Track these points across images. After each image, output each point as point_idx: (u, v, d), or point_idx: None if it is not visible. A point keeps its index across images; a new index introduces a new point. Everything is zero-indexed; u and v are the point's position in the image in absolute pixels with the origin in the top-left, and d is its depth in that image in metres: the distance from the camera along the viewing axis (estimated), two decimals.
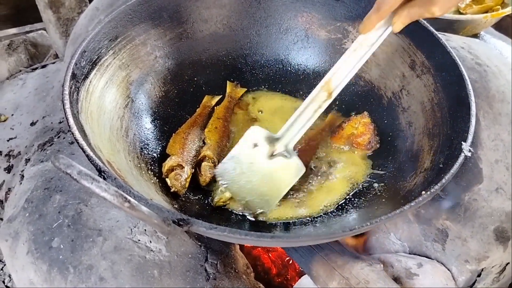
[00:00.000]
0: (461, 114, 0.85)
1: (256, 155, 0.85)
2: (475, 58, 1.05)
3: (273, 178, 0.86)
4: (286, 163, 0.86)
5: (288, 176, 0.87)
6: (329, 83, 0.87)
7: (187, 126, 1.05)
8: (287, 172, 0.87)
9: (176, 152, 0.98)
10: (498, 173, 0.95)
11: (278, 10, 1.17)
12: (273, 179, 0.86)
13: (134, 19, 1.03)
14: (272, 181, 0.86)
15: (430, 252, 0.96)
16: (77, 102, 0.82)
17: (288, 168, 0.86)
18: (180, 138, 1.01)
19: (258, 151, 0.85)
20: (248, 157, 0.86)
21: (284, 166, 0.86)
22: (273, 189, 0.87)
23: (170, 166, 0.94)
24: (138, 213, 0.56)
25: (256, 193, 0.86)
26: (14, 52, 1.47)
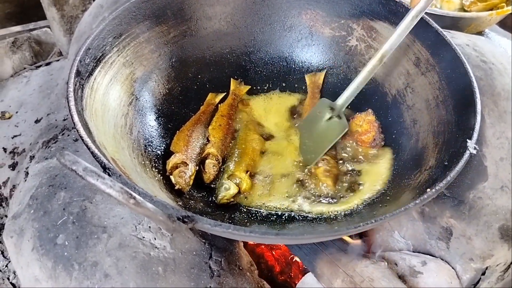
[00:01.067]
0: (466, 111, 0.84)
1: (319, 119, 1.06)
2: (480, 56, 1.05)
3: (324, 134, 1.05)
4: (337, 122, 1.04)
5: (334, 131, 1.04)
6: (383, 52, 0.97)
7: (191, 123, 1.06)
8: (334, 128, 1.04)
9: (180, 149, 0.98)
10: (503, 171, 0.94)
11: (282, 8, 1.17)
12: (324, 135, 1.05)
13: (138, 17, 1.03)
14: (323, 137, 1.04)
15: (434, 250, 0.96)
16: (82, 99, 0.82)
17: (336, 125, 1.04)
18: (184, 135, 1.01)
19: (321, 116, 1.05)
20: (314, 120, 1.07)
21: (335, 125, 1.04)
22: (321, 144, 1.04)
23: (174, 163, 0.94)
24: (143, 210, 0.56)
25: (310, 147, 1.05)
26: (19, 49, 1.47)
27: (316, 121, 1.06)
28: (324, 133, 1.05)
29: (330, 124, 1.04)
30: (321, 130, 1.05)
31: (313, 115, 1.08)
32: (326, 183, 0.95)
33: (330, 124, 1.04)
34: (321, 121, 1.06)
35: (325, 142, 1.03)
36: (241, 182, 0.93)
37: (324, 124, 1.05)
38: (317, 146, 1.04)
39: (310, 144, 1.06)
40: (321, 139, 1.04)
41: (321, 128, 1.05)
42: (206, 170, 0.97)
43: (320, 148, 1.03)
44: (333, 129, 1.04)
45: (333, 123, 1.04)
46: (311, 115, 1.08)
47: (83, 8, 1.49)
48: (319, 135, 1.05)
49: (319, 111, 1.07)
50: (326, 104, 1.06)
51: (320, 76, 1.16)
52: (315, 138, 1.06)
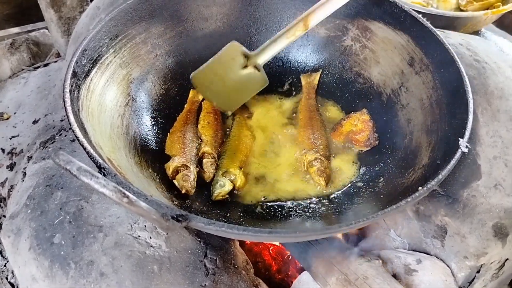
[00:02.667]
0: (459, 110, 0.85)
1: (232, 64, 1.02)
2: (474, 55, 1.06)
3: (242, 84, 1.04)
4: (255, 74, 1.02)
5: (254, 85, 1.05)
6: (308, 18, 0.98)
7: (181, 124, 1.06)
8: (254, 82, 1.04)
9: (177, 152, 0.98)
10: (497, 169, 0.95)
11: (277, 8, 1.17)
12: (242, 85, 1.04)
13: (135, 18, 1.03)
14: (241, 87, 1.04)
15: (429, 249, 0.97)
16: (78, 100, 0.83)
17: (256, 78, 1.04)
18: (177, 137, 1.02)
19: (234, 62, 1.02)
20: (225, 65, 1.02)
21: (253, 76, 1.03)
22: (240, 94, 1.06)
23: (175, 167, 0.94)
24: (137, 209, 0.57)
25: (226, 94, 1.05)
26: (17, 51, 1.48)
27: (229, 68, 1.02)
28: (240, 82, 1.03)
29: (248, 75, 1.02)
30: (238, 79, 1.03)
31: (223, 60, 1.02)
32: (319, 184, 0.95)
33: (248, 75, 1.02)
34: (236, 69, 1.02)
35: (244, 93, 1.04)
36: (235, 178, 0.94)
37: (241, 73, 1.02)
38: (233, 94, 1.04)
39: (223, 89, 1.04)
40: (237, 88, 1.04)
41: (237, 76, 1.03)
42: (205, 170, 0.98)
43: (238, 98, 1.05)
44: (252, 82, 1.03)
45: (252, 75, 1.02)
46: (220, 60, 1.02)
47: (81, 10, 1.50)
48: (235, 84, 1.03)
49: (231, 57, 1.01)
50: (238, 50, 1.01)
51: (315, 76, 1.17)
52: (228, 84, 1.03)
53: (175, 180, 0.93)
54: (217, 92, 1.05)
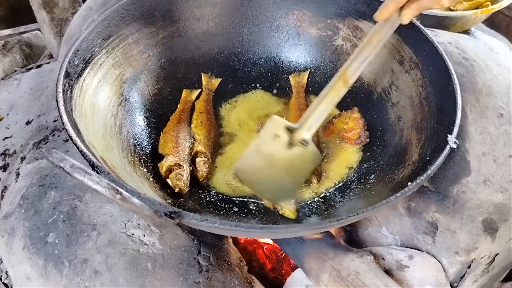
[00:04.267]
0: (447, 107, 0.86)
1: (277, 146, 0.85)
2: (462, 53, 1.07)
3: (292, 167, 0.86)
4: (304, 151, 0.86)
5: (306, 164, 0.88)
6: (345, 73, 0.87)
7: (174, 124, 1.06)
8: (305, 160, 0.87)
9: (170, 151, 0.99)
10: (486, 165, 0.96)
11: (269, 8, 1.18)
12: (292, 168, 0.86)
13: (127, 18, 1.04)
14: (291, 170, 0.86)
15: (421, 245, 0.98)
16: (71, 100, 0.84)
17: (306, 156, 0.87)
18: (170, 136, 1.02)
19: (279, 142, 0.84)
20: (270, 149, 0.85)
21: (303, 155, 0.86)
22: (293, 178, 0.88)
23: (168, 166, 0.95)
24: (130, 205, 0.57)
25: (276, 184, 0.86)
26: (9, 52, 1.48)
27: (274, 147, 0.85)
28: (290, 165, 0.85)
29: (295, 154, 0.85)
30: (285, 161, 0.85)
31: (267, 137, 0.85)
32: (311, 181, 0.96)
33: (295, 153, 0.85)
34: (282, 150, 0.85)
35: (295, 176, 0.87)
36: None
37: (287, 154, 0.85)
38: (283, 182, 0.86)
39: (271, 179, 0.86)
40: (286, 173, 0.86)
41: (284, 159, 0.85)
42: (198, 169, 0.98)
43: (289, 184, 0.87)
44: (301, 160, 0.86)
45: (300, 153, 0.85)
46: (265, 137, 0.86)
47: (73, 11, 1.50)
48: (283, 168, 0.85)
49: (275, 134, 0.85)
50: (281, 125, 0.86)
51: (304, 75, 1.18)
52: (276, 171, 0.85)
53: (169, 179, 0.94)
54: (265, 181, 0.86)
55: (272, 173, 0.85)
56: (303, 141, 0.85)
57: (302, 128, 0.86)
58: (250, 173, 0.86)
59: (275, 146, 0.84)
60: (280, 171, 0.86)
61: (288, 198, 0.89)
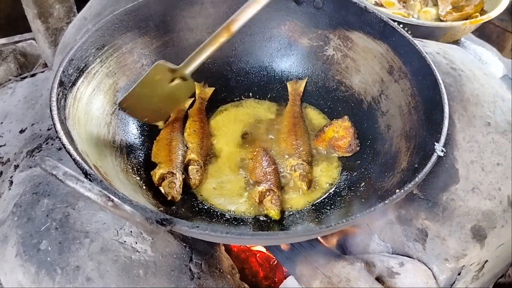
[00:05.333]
0: (435, 116, 0.88)
1: (159, 83, 1.04)
2: (450, 63, 1.09)
3: (170, 95, 1.08)
4: (183, 83, 1.05)
5: (183, 92, 1.10)
6: (231, 24, 1.00)
7: (167, 132, 1.07)
8: (182, 89, 1.08)
9: (163, 159, 0.99)
10: (474, 173, 0.98)
11: (261, 19, 1.20)
12: (171, 96, 1.08)
13: (121, 28, 1.05)
14: (170, 98, 1.09)
15: (412, 252, 0.99)
16: (65, 108, 0.85)
17: (183, 86, 1.07)
18: (163, 145, 1.03)
19: (161, 80, 1.04)
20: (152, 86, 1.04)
21: (180, 85, 1.06)
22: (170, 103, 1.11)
23: (161, 174, 0.96)
24: (122, 212, 0.58)
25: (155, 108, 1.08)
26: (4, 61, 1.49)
27: (157, 86, 1.04)
28: (169, 94, 1.07)
29: (175, 86, 1.05)
30: (165, 92, 1.06)
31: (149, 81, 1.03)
32: (301, 188, 0.98)
33: (175, 86, 1.05)
34: (163, 84, 1.05)
35: (173, 102, 1.10)
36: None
37: (168, 87, 1.05)
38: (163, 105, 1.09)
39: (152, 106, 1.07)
40: (166, 100, 1.08)
41: (164, 90, 1.05)
42: (190, 177, 0.99)
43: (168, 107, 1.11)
44: (180, 90, 1.07)
45: (179, 85, 1.05)
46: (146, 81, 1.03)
47: (68, 21, 1.52)
48: (163, 97, 1.07)
49: (158, 76, 1.03)
50: (165, 68, 1.03)
51: (301, 83, 1.20)
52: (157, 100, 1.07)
53: (161, 187, 0.94)
54: (146, 109, 1.07)
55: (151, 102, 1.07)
56: (183, 77, 1.04)
57: (184, 67, 1.03)
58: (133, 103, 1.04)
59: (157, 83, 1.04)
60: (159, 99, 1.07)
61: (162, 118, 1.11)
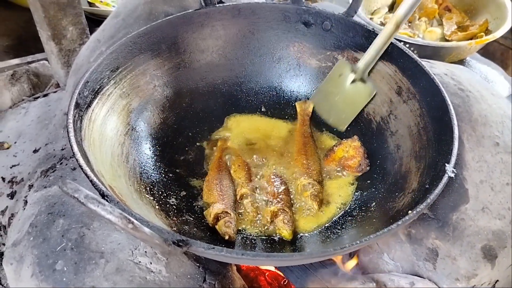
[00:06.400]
0: (445, 137, 0.89)
1: (342, 82, 1.10)
2: (458, 84, 1.10)
3: (352, 98, 1.11)
4: (361, 85, 1.10)
5: (361, 97, 1.11)
6: (396, 17, 1.03)
7: (215, 172, 1.06)
8: (361, 93, 1.11)
9: (216, 199, 0.98)
10: (483, 193, 0.98)
11: (271, 41, 1.23)
12: (352, 99, 1.11)
13: (134, 51, 1.08)
14: (351, 101, 1.11)
15: (422, 271, 0.99)
16: (81, 130, 0.87)
17: (362, 90, 1.10)
18: (213, 185, 1.02)
19: (344, 78, 1.10)
20: (336, 83, 1.11)
21: (359, 88, 1.10)
22: (351, 107, 1.13)
23: (215, 214, 0.94)
24: (141, 234, 0.59)
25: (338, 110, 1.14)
26: (17, 82, 1.51)
27: (339, 84, 1.10)
28: (350, 96, 1.09)
29: (355, 88, 1.09)
30: (347, 93, 1.09)
31: (333, 78, 1.12)
32: (312, 207, 0.98)
33: (355, 87, 1.09)
34: (345, 84, 1.10)
35: (354, 106, 1.10)
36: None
37: (349, 88, 1.09)
38: (345, 109, 1.11)
39: (335, 107, 1.12)
40: (348, 103, 1.10)
41: (347, 91, 1.09)
42: (247, 210, 0.99)
43: (349, 112, 1.10)
44: (360, 94, 1.09)
45: (359, 87, 1.09)
46: (331, 78, 1.13)
47: (80, 42, 1.55)
48: (345, 99, 1.10)
49: (340, 74, 1.10)
50: (347, 66, 1.10)
51: (310, 104, 1.22)
52: (340, 101, 1.11)
53: (217, 227, 0.93)
54: (330, 109, 1.14)
55: (337, 104, 1.12)
56: (362, 78, 1.09)
57: (361, 67, 1.08)
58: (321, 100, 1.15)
59: (340, 82, 1.11)
60: (343, 101, 1.12)
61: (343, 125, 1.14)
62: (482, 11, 1.76)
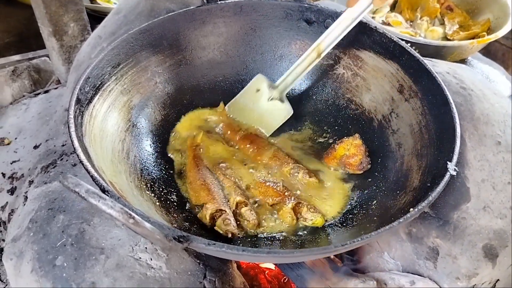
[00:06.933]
0: (447, 135, 0.89)
1: (259, 97, 1.11)
2: (460, 83, 1.10)
3: (269, 115, 1.13)
4: (279, 105, 1.12)
5: (280, 116, 1.14)
6: (319, 46, 1.08)
7: (194, 172, 1.04)
8: (280, 113, 1.14)
9: (206, 199, 0.96)
10: (485, 192, 0.98)
11: (272, 38, 1.22)
12: (269, 116, 1.13)
13: (136, 47, 1.08)
14: (268, 117, 1.13)
15: (422, 270, 0.99)
16: (81, 125, 0.86)
17: (281, 110, 1.13)
18: (198, 186, 1.00)
19: (261, 94, 1.11)
20: (253, 98, 1.12)
21: (278, 108, 1.12)
22: (268, 124, 1.15)
23: (211, 214, 0.93)
24: (142, 229, 0.59)
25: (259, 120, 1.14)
26: (18, 78, 1.51)
27: (256, 99, 1.12)
28: (267, 113, 1.11)
29: (273, 106, 1.11)
30: (263, 109, 1.11)
31: (250, 92, 1.13)
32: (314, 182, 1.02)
33: (272, 105, 1.10)
34: (262, 100, 1.11)
35: (269, 124, 1.13)
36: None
37: (266, 105, 1.11)
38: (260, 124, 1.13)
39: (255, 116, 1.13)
40: (263, 119, 1.12)
41: (263, 107, 1.11)
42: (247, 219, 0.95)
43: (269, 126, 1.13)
44: (276, 112, 1.12)
45: (276, 106, 1.11)
46: (248, 91, 1.14)
47: (82, 38, 1.55)
48: (261, 115, 1.11)
49: (257, 89, 1.12)
50: (265, 83, 1.11)
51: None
52: (255, 116, 1.13)
53: (217, 227, 0.91)
54: (251, 118, 1.15)
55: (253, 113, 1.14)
56: (281, 97, 1.11)
57: (280, 86, 1.11)
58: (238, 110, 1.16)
59: (257, 97, 1.13)
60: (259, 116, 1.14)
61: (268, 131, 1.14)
62: (484, 11, 1.76)
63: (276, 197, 0.99)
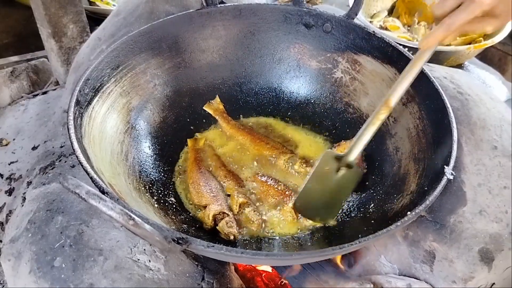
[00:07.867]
0: (444, 139, 0.90)
1: (328, 174, 0.96)
2: (457, 88, 1.11)
3: (339, 187, 0.97)
4: (349, 172, 0.96)
5: (350, 182, 0.98)
6: (388, 99, 0.91)
7: (196, 173, 1.05)
8: (349, 179, 0.97)
9: (208, 201, 0.98)
10: (481, 196, 0.99)
11: (271, 42, 1.23)
12: (339, 187, 0.97)
13: (135, 49, 1.08)
14: (338, 189, 0.98)
15: (419, 274, 0.99)
16: (81, 127, 0.87)
17: (349, 176, 0.96)
18: (201, 187, 1.01)
19: (329, 170, 0.96)
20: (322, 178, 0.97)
21: (348, 175, 0.96)
22: (339, 196, 0.99)
23: (213, 216, 0.94)
24: (142, 231, 0.60)
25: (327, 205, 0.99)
26: (17, 79, 1.51)
27: (326, 178, 0.97)
28: (338, 186, 0.97)
29: (342, 176, 0.96)
30: (335, 185, 0.97)
31: (319, 174, 0.97)
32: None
33: (342, 176, 0.96)
34: (332, 176, 0.96)
35: (342, 194, 0.99)
36: None
37: (337, 178, 0.97)
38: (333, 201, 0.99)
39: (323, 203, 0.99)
40: (335, 194, 0.98)
41: (334, 182, 0.97)
42: (252, 219, 0.97)
43: (338, 201, 0.99)
44: (347, 180, 0.97)
45: (346, 174, 0.96)
46: (317, 172, 0.97)
47: (81, 40, 1.55)
48: (333, 191, 0.98)
49: (326, 167, 0.97)
50: (331, 157, 0.96)
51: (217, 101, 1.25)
52: (328, 195, 0.98)
53: (219, 228, 0.93)
54: (318, 207, 1.00)
55: (324, 199, 0.98)
56: (348, 164, 0.95)
57: (348, 154, 0.95)
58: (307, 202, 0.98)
59: (326, 177, 0.96)
60: (330, 194, 0.98)
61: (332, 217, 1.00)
62: None
63: (277, 196, 1.00)
